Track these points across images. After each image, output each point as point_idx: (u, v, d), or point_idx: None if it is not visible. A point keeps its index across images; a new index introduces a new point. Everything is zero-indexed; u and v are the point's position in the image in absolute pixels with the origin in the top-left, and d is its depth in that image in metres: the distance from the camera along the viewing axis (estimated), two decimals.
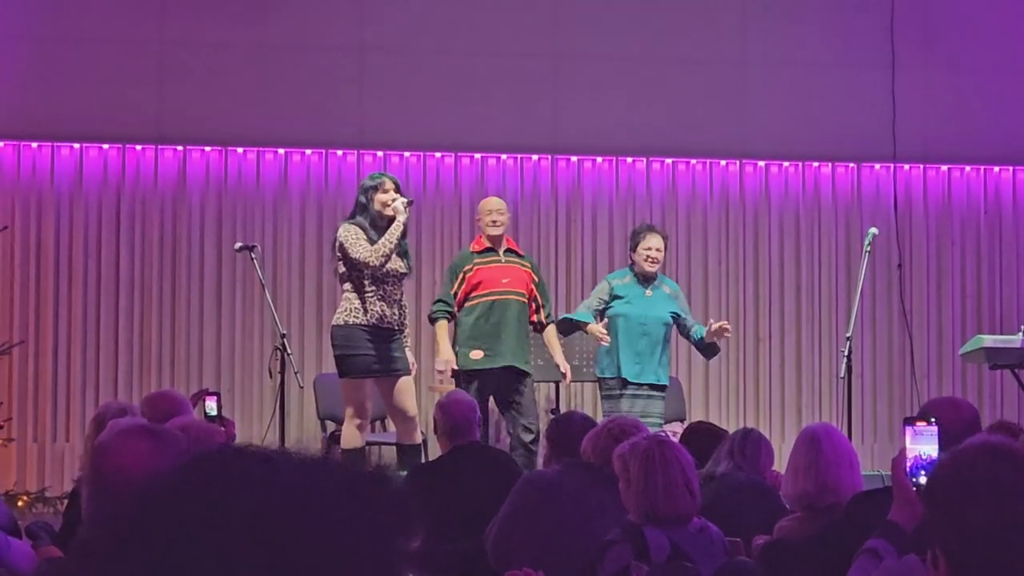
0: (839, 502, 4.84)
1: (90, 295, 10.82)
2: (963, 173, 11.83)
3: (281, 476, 1.15)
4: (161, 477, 1.15)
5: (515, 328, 9.16)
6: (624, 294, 9.35)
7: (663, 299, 9.40)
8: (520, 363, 9.15)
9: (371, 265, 8.65)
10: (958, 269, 11.75)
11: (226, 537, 1.08)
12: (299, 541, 1.10)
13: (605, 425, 5.66)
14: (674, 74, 11.46)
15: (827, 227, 11.66)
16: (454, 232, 11.23)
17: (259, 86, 11.02)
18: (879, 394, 11.57)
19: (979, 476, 2.49)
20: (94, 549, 1.12)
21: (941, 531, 2.49)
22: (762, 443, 6.34)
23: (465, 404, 6.96)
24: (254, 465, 1.16)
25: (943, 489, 2.55)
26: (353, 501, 1.15)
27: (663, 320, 9.34)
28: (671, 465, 4.65)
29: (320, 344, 10.75)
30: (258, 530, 1.09)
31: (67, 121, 10.82)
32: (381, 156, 11.16)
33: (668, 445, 4.76)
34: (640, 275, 9.38)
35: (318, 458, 1.18)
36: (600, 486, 5.38)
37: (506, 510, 5.58)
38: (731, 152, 11.54)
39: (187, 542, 1.08)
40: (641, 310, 9.30)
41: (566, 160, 11.41)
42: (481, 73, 11.25)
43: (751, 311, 11.52)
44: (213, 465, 1.16)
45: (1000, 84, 11.75)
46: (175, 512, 1.11)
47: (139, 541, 1.10)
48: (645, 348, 9.25)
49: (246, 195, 11.04)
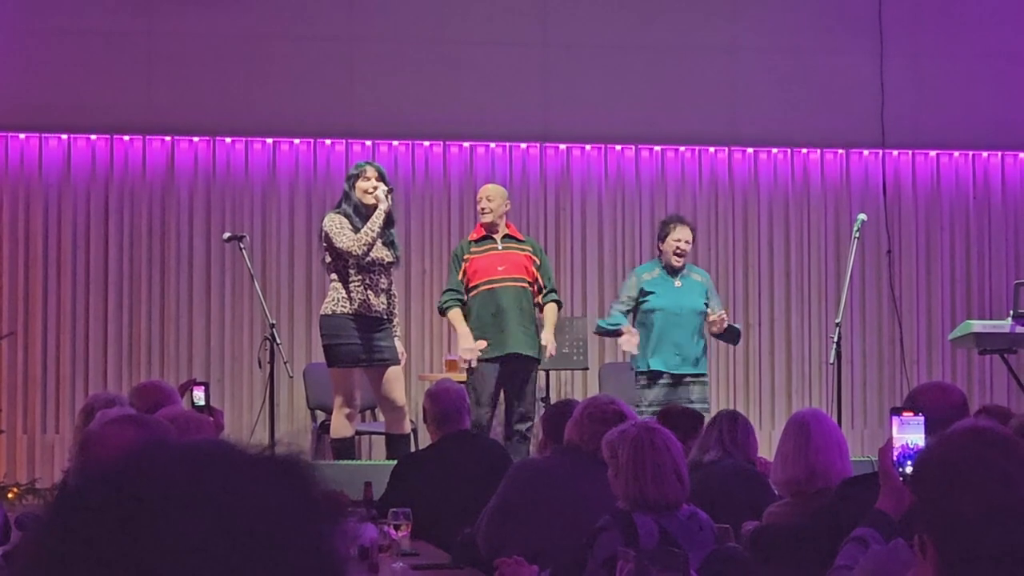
0: (828, 487, 4.85)
1: (79, 286, 10.81)
2: (952, 159, 11.83)
3: (185, 458, 1.17)
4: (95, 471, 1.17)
5: (516, 315, 9.12)
6: (655, 287, 9.38)
7: (694, 287, 9.45)
8: (526, 349, 9.12)
9: (355, 254, 8.65)
10: (947, 255, 11.76)
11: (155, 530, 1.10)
12: (205, 521, 1.11)
13: (583, 409, 5.65)
14: (663, 61, 11.45)
15: (816, 213, 11.66)
16: (443, 221, 11.22)
17: (247, 76, 11.00)
18: (869, 380, 11.58)
19: (965, 461, 2.50)
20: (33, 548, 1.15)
21: (928, 516, 2.49)
22: (749, 428, 6.36)
23: (454, 392, 6.96)
24: (157, 455, 1.18)
25: (930, 474, 2.55)
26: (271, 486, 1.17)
27: (697, 309, 9.38)
28: (660, 452, 4.65)
29: (309, 334, 10.74)
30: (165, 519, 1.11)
31: (55, 112, 10.79)
32: (370, 145, 11.14)
33: (658, 432, 4.75)
34: (668, 266, 9.42)
35: (226, 442, 1.20)
36: (591, 471, 5.38)
37: (497, 499, 5.57)
38: (720, 139, 11.54)
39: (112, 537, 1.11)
40: (675, 301, 9.34)
41: (555, 148, 11.40)
42: (470, 62, 11.24)
43: (740, 297, 11.52)
44: (129, 465, 1.17)
45: (988, 69, 11.76)
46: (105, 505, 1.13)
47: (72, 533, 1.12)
48: (684, 339, 9.29)
49: (235, 185, 11.03)
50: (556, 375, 10.92)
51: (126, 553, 1.09)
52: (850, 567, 3.84)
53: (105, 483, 1.15)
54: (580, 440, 5.52)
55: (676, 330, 9.29)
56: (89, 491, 1.15)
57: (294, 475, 1.19)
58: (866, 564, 3.76)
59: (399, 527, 5.52)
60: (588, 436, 5.46)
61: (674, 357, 9.27)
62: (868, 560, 3.77)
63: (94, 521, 1.12)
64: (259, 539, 1.12)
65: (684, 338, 9.30)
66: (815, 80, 11.58)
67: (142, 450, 1.18)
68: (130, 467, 1.16)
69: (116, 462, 1.17)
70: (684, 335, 9.31)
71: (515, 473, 5.65)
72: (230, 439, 1.22)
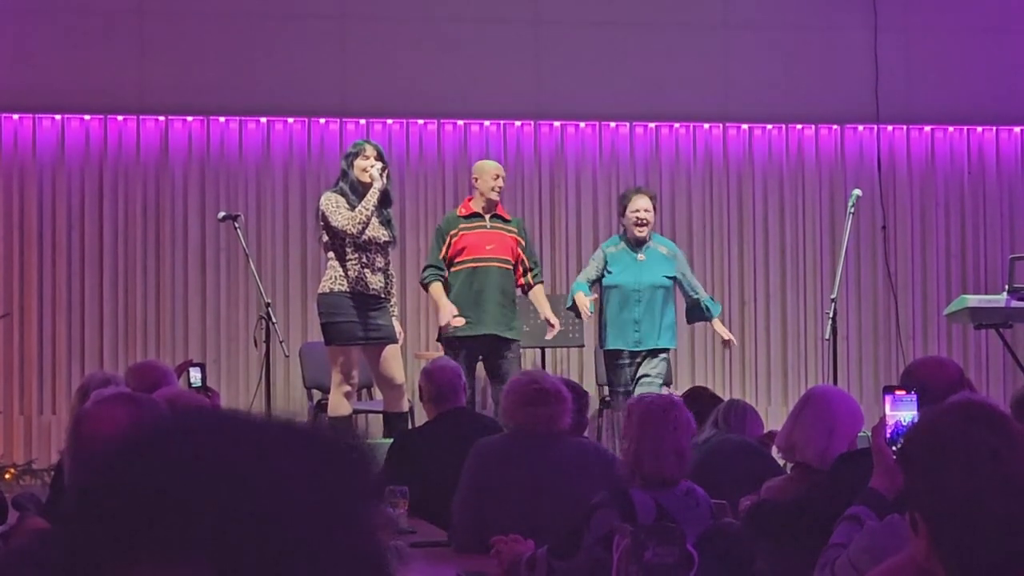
0: (807, 463, 4.87)
1: (74, 267, 10.81)
2: (946, 133, 11.83)
3: (248, 435, 1.15)
4: (127, 438, 1.15)
5: (497, 296, 9.10)
6: (615, 263, 9.23)
7: (658, 261, 9.25)
8: (503, 330, 9.10)
9: (350, 233, 8.66)
10: (942, 229, 11.76)
11: (188, 494, 1.09)
12: (265, 498, 1.10)
13: (507, 391, 5.67)
14: (656, 38, 11.44)
15: (811, 189, 11.66)
16: (437, 199, 11.21)
17: (241, 55, 10.98)
18: (864, 355, 11.60)
19: (951, 436, 2.49)
20: (65, 515, 1.13)
21: (918, 494, 2.49)
22: (747, 410, 6.38)
23: (450, 370, 6.97)
24: (221, 426, 1.16)
25: (916, 452, 2.55)
26: (319, 463, 1.15)
27: (658, 284, 9.19)
28: (665, 428, 4.65)
29: (305, 313, 10.74)
30: (222, 490, 1.09)
31: (48, 93, 10.78)
32: (364, 124, 11.13)
33: (672, 409, 4.73)
34: (632, 240, 9.25)
35: (286, 420, 1.18)
36: (533, 449, 5.42)
37: (466, 485, 5.55)
38: (714, 115, 11.53)
39: (149, 500, 1.09)
40: (633, 277, 9.16)
41: (549, 126, 11.39)
42: (463, 39, 11.22)
43: (735, 274, 11.53)
44: (176, 426, 1.16)
45: (982, 44, 11.75)
46: (140, 471, 1.11)
47: (103, 502, 1.11)
48: (643, 315, 9.13)
49: (229, 165, 11.02)
50: (552, 353, 10.93)
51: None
52: (844, 545, 3.86)
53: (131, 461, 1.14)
54: (511, 421, 5.54)
55: (635, 307, 9.11)
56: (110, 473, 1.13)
57: (338, 453, 1.18)
58: (861, 540, 3.78)
59: (396, 505, 5.53)
60: (517, 417, 5.49)
61: (632, 335, 9.11)
62: (864, 536, 3.78)
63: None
64: (306, 518, 1.12)
65: (643, 315, 9.12)
66: (809, 56, 11.57)
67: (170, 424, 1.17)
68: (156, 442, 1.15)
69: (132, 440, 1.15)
70: (643, 311, 9.12)
71: (476, 458, 5.62)
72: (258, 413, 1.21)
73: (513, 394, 5.57)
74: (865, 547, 3.73)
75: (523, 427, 5.49)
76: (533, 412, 5.48)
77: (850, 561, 3.76)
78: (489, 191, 9.21)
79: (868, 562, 3.59)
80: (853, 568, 3.71)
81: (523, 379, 5.69)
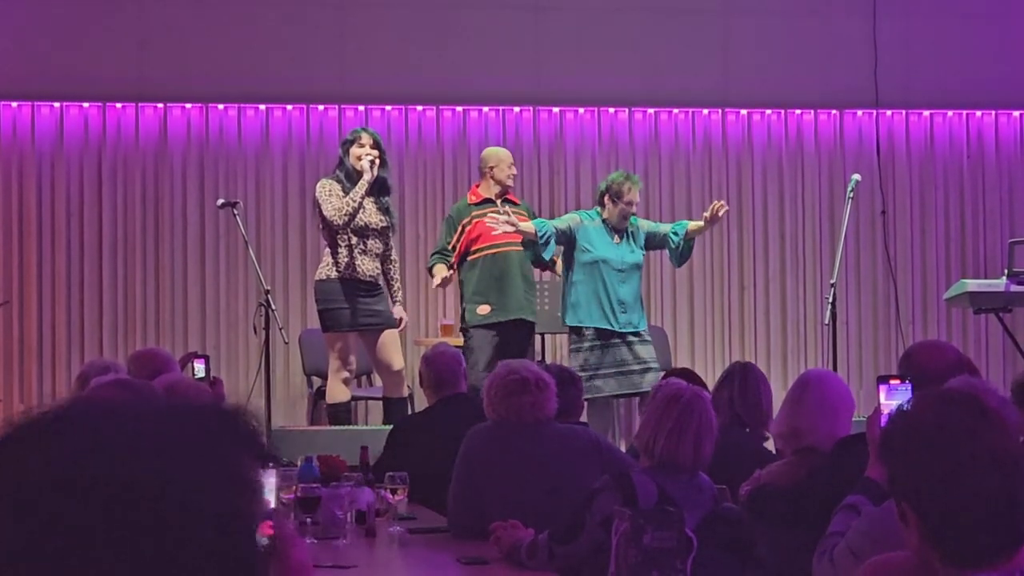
0: (812, 447, 4.86)
1: (73, 254, 10.80)
2: (945, 118, 11.82)
3: (126, 414, 1.22)
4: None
5: (519, 280, 9.16)
6: (595, 239, 9.03)
7: (630, 242, 9.13)
8: (527, 314, 9.22)
9: (336, 223, 8.68)
10: (942, 214, 11.76)
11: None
12: (145, 467, 1.16)
13: (488, 384, 5.61)
14: (656, 23, 11.42)
15: (810, 174, 11.65)
16: (436, 185, 11.20)
17: (239, 42, 10.97)
18: (864, 340, 11.60)
19: (926, 422, 2.50)
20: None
21: (902, 483, 2.49)
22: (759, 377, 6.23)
23: (450, 356, 6.97)
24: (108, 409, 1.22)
25: (895, 442, 2.55)
26: (197, 431, 1.21)
27: (639, 263, 9.15)
28: (690, 416, 4.58)
29: (304, 300, 10.73)
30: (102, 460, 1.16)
31: (47, 80, 10.76)
32: (362, 110, 11.12)
33: (698, 399, 4.68)
34: (613, 226, 9.09)
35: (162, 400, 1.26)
36: (521, 437, 5.42)
37: (459, 472, 5.55)
38: (713, 101, 11.51)
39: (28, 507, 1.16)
40: (619, 255, 9.05)
41: (548, 111, 11.38)
42: (462, 25, 11.21)
43: (735, 259, 11.52)
44: (40, 426, 1.21)
45: (981, 29, 11.73)
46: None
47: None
48: (628, 295, 9.05)
49: (228, 152, 11.01)
50: (551, 336, 10.92)
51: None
52: (842, 533, 3.86)
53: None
54: (495, 414, 5.52)
55: (622, 286, 8.96)
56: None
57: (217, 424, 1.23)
58: (860, 525, 3.78)
59: (396, 491, 5.53)
60: (500, 409, 5.48)
61: (620, 315, 8.94)
62: (862, 521, 3.79)
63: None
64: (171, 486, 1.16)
65: (628, 295, 8.99)
66: (808, 40, 11.55)
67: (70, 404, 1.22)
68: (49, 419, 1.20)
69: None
70: (629, 291, 9.00)
71: (468, 448, 5.61)
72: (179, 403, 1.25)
73: (493, 387, 5.54)
74: (864, 531, 3.74)
75: (507, 418, 5.48)
76: (517, 402, 5.46)
77: (848, 546, 3.77)
78: (506, 179, 9.29)
79: (867, 545, 3.59)
80: (852, 553, 3.71)
81: (501, 371, 5.64)
